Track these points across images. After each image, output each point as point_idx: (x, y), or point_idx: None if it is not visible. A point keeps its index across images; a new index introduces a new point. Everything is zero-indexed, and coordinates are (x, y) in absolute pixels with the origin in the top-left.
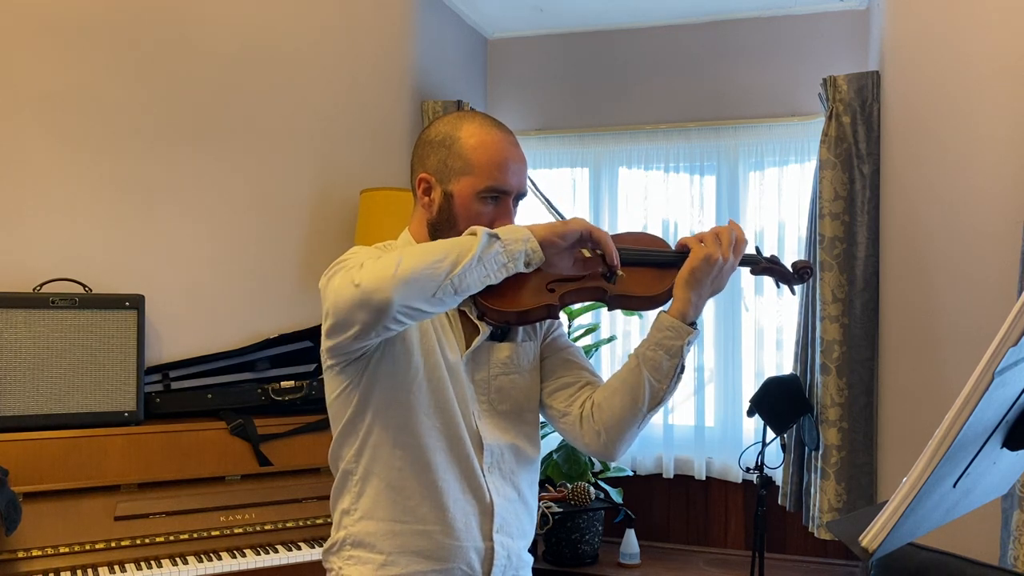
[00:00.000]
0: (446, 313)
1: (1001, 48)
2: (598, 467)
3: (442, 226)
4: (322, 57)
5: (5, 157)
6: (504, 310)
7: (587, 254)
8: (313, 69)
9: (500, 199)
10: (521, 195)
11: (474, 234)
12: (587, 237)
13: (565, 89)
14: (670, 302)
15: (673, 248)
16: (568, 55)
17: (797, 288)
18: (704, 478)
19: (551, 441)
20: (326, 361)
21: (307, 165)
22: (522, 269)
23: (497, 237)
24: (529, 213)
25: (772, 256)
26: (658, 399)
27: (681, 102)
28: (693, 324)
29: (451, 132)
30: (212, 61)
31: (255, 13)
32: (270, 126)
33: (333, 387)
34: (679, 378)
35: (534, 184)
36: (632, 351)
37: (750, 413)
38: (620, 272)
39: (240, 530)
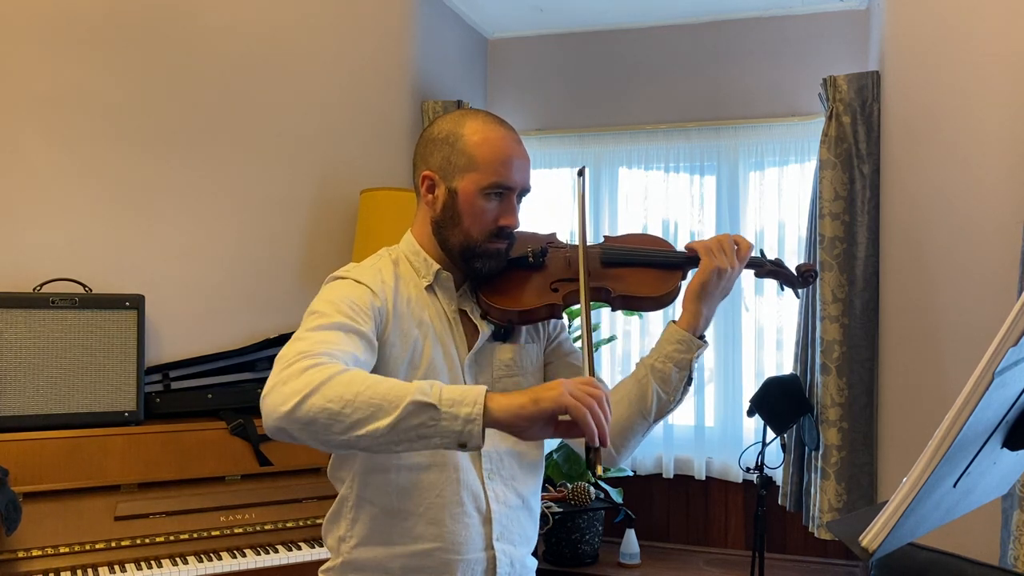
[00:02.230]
0: (447, 315)
1: (1001, 47)
2: None
3: (447, 224)
4: (322, 57)
5: (5, 157)
6: (507, 308)
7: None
8: (313, 69)
9: (504, 195)
10: (525, 191)
11: (422, 394)
12: (562, 412)
13: (565, 89)
14: (674, 303)
15: (677, 250)
16: (568, 55)
17: (801, 291)
18: (704, 478)
19: (551, 441)
20: None
21: (307, 165)
22: (453, 448)
23: (434, 407)
24: (529, 212)
25: (776, 259)
26: (665, 410)
27: (681, 102)
28: (702, 337)
29: (455, 129)
30: (212, 61)
31: (255, 13)
32: (270, 126)
33: None
34: (687, 389)
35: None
36: (640, 360)
37: (750, 413)
38: (598, 462)
39: (240, 530)
